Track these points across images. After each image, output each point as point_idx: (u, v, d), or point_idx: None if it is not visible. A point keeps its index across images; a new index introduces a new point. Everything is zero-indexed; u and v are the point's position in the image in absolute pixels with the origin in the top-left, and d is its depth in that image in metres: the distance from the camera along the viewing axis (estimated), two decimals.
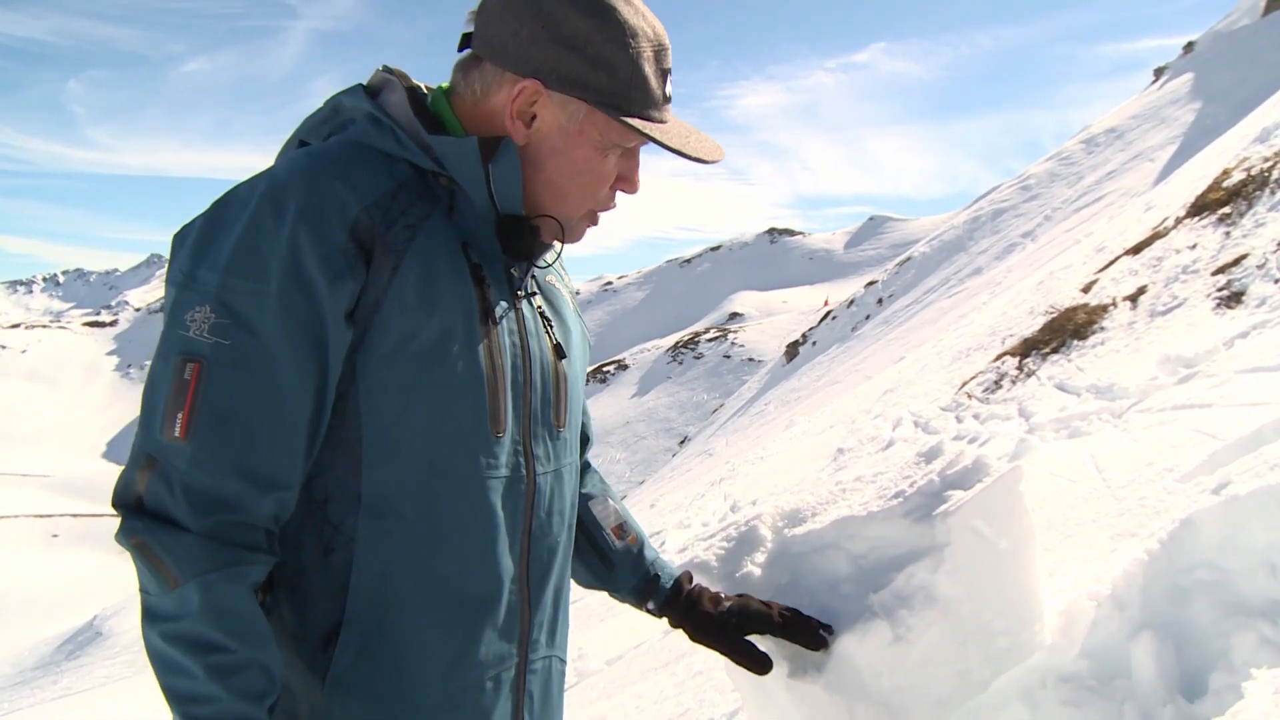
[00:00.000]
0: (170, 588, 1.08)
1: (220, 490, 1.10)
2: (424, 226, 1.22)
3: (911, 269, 26.28)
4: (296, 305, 1.12)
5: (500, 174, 1.24)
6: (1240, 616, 1.63)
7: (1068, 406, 5.03)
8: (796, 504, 1.83)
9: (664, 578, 1.64)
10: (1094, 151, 22.80)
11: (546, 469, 1.33)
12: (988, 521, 1.60)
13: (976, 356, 8.77)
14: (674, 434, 52.16)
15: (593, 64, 1.22)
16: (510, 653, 1.30)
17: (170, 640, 1.08)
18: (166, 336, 1.13)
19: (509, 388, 1.26)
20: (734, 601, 1.62)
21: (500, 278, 1.30)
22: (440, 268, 1.22)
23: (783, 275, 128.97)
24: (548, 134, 1.26)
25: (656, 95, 1.26)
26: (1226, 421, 3.05)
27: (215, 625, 1.08)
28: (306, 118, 1.33)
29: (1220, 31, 25.69)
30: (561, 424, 1.36)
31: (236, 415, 1.11)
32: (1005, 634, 1.63)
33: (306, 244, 1.12)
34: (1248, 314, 5.01)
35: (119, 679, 27.42)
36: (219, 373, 1.10)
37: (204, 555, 1.08)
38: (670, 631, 6.06)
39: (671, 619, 1.63)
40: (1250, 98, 15.38)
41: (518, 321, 1.30)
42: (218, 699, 1.06)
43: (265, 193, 1.15)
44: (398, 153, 1.23)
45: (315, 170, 1.18)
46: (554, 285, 1.45)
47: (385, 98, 1.29)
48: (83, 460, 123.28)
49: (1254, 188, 7.06)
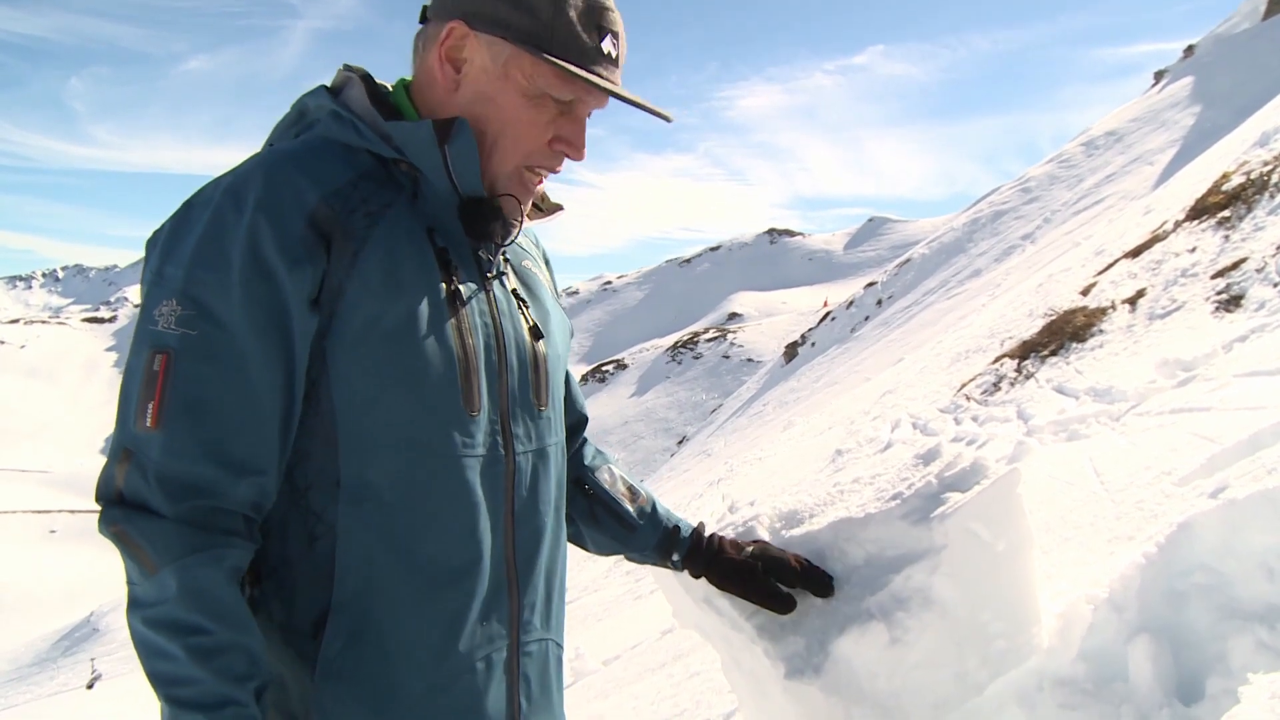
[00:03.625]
0: (150, 574, 1.09)
1: (193, 476, 1.12)
2: (386, 214, 1.24)
3: (911, 270, 26.31)
4: (259, 293, 1.14)
5: (456, 154, 1.25)
6: (1237, 620, 1.63)
7: (1066, 409, 5.03)
8: (794, 505, 1.83)
9: (683, 528, 1.68)
10: (1094, 154, 22.82)
11: (527, 448, 1.34)
12: (985, 524, 1.60)
13: (975, 358, 8.78)
14: (672, 434, 52.20)
15: (515, 5, 1.24)
16: (500, 633, 1.30)
17: (151, 625, 1.09)
18: (138, 333, 1.16)
19: (482, 368, 1.27)
20: (755, 546, 1.67)
21: (468, 260, 1.31)
22: (404, 252, 1.23)
23: (782, 276, 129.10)
24: (475, 78, 1.28)
25: (586, 45, 1.27)
26: (1225, 425, 3.05)
27: (194, 608, 1.09)
28: (276, 123, 1.36)
29: (1221, 35, 25.73)
30: (543, 404, 1.37)
31: (205, 402, 1.13)
32: (1002, 636, 1.63)
33: (265, 232, 1.15)
34: (1246, 318, 5.01)
35: (116, 675, 27.40)
36: (186, 362, 1.12)
37: (180, 540, 1.10)
38: (667, 632, 6.02)
39: (693, 569, 1.66)
40: (1250, 101, 15.40)
41: (489, 303, 1.31)
42: (199, 680, 1.07)
43: (227, 188, 1.18)
44: (358, 144, 1.26)
45: (274, 164, 1.20)
46: (530, 270, 1.46)
47: (346, 94, 1.32)
48: (81, 456, 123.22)
49: (1253, 191, 7.07)
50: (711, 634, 1.82)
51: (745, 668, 1.75)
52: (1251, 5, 25.57)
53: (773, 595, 1.62)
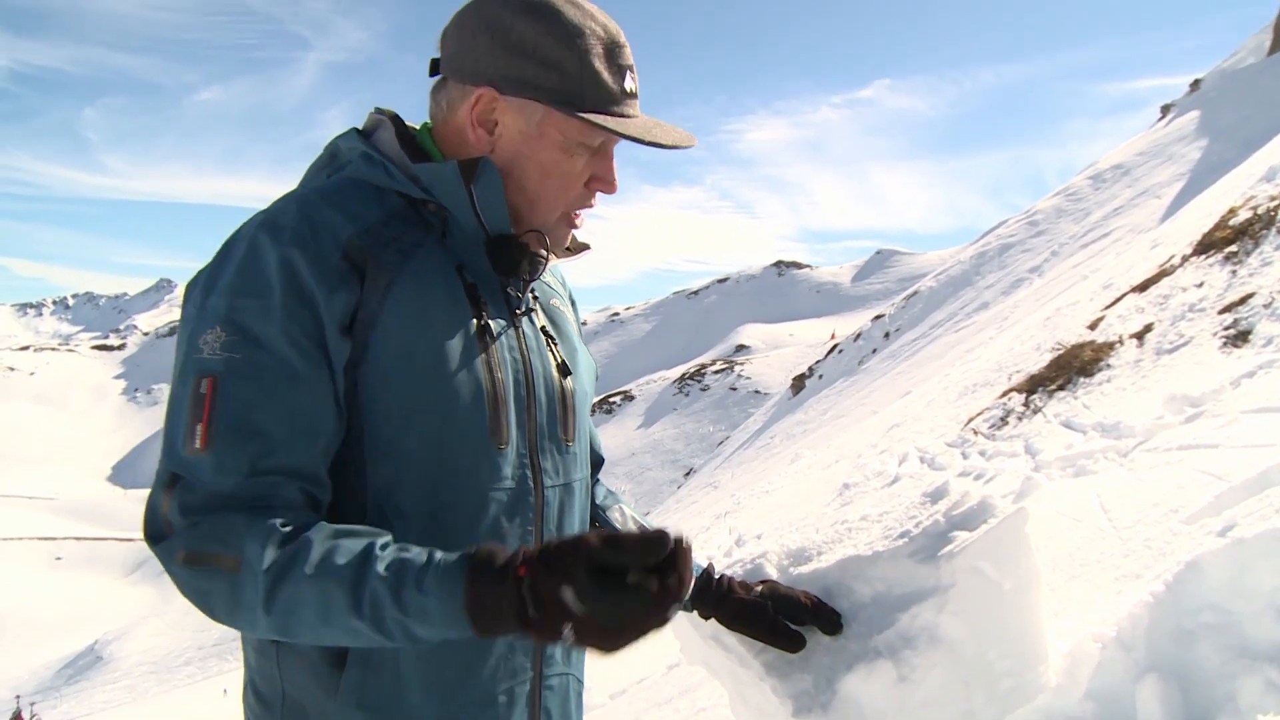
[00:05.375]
0: (237, 571, 1.06)
1: (244, 490, 1.11)
2: (417, 252, 1.26)
3: (919, 303, 26.32)
4: (300, 315, 1.16)
5: (483, 193, 1.27)
6: (1246, 660, 1.63)
7: (1074, 444, 5.03)
8: (802, 542, 1.83)
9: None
10: (1101, 188, 22.89)
11: (555, 482, 1.35)
12: (993, 563, 1.60)
13: (983, 392, 8.77)
14: (679, 465, 52.04)
15: (543, 65, 1.26)
16: (524, 666, 1.31)
17: (280, 595, 1.05)
18: (183, 363, 1.17)
19: (511, 401, 1.29)
20: (764, 587, 1.66)
21: (497, 297, 1.33)
22: (435, 287, 1.25)
23: (790, 308, 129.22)
24: (511, 139, 1.30)
25: (613, 90, 1.29)
26: (1233, 463, 3.05)
27: (285, 541, 1.07)
28: (310, 165, 1.39)
29: (1227, 70, 25.87)
30: (570, 439, 1.39)
31: (253, 421, 1.13)
32: (1010, 675, 1.62)
33: (302, 260, 1.17)
34: (1254, 353, 5.01)
35: (118, 704, 27.22)
36: (232, 383, 1.14)
37: (245, 519, 1.08)
38: (674, 666, 5.98)
39: (703, 610, 1.65)
40: (1257, 136, 15.46)
41: (518, 338, 1.33)
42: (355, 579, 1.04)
43: (262, 222, 1.21)
44: (389, 185, 1.29)
45: (308, 200, 1.23)
46: (558, 308, 1.49)
47: (377, 136, 1.35)
48: (88, 483, 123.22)
49: (1260, 226, 7.09)
50: (719, 670, 1.82)
51: (752, 704, 1.74)
52: (1257, 41, 25.74)
53: (783, 633, 1.61)
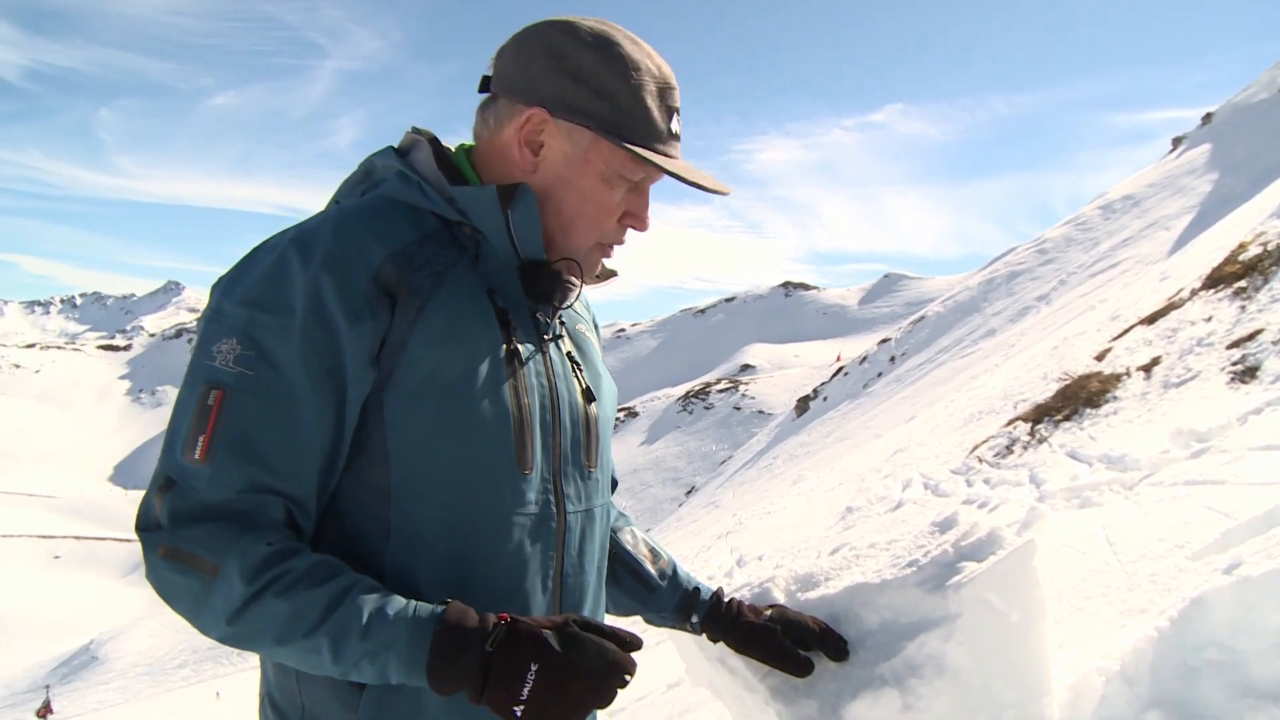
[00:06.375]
0: (214, 576, 1.11)
1: (234, 504, 1.15)
2: (449, 274, 1.27)
3: (925, 328, 26.32)
4: (318, 342, 1.18)
5: (519, 219, 1.29)
6: (1250, 699, 1.63)
7: (1079, 475, 5.02)
8: (810, 568, 1.84)
9: (703, 591, 1.69)
10: (1110, 218, 22.92)
11: (577, 508, 1.36)
12: (1000, 594, 1.60)
13: (988, 420, 8.76)
14: (681, 483, 51.95)
15: (596, 94, 1.28)
16: None
17: (249, 612, 1.11)
18: (194, 365, 1.19)
19: (537, 427, 1.30)
20: (773, 610, 1.68)
21: (527, 322, 1.35)
22: (466, 311, 1.27)
23: (796, 329, 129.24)
24: (555, 161, 1.32)
25: (660, 129, 1.31)
26: (1239, 500, 3.05)
27: (269, 563, 1.11)
28: (344, 180, 1.40)
29: (1239, 104, 25.91)
30: (592, 465, 1.40)
31: (254, 441, 1.16)
32: (1014, 706, 1.63)
33: (329, 286, 1.18)
34: (1262, 389, 5.00)
35: (111, 705, 27.16)
36: (240, 401, 1.16)
37: (231, 532, 1.13)
38: (674, 685, 5.96)
39: (712, 632, 1.67)
40: (1268, 170, 15.48)
41: (545, 364, 1.34)
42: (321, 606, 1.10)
43: (294, 239, 1.22)
44: (424, 205, 1.30)
45: (343, 221, 1.24)
46: (584, 334, 1.50)
47: (414, 156, 1.36)
48: (89, 483, 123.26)
49: (1270, 263, 7.10)
50: (724, 693, 1.83)
51: None
52: (1270, 76, 25.79)
53: (790, 657, 1.62)
